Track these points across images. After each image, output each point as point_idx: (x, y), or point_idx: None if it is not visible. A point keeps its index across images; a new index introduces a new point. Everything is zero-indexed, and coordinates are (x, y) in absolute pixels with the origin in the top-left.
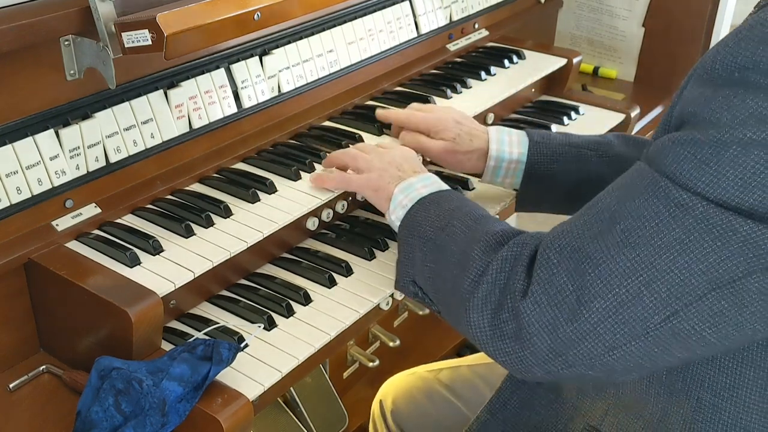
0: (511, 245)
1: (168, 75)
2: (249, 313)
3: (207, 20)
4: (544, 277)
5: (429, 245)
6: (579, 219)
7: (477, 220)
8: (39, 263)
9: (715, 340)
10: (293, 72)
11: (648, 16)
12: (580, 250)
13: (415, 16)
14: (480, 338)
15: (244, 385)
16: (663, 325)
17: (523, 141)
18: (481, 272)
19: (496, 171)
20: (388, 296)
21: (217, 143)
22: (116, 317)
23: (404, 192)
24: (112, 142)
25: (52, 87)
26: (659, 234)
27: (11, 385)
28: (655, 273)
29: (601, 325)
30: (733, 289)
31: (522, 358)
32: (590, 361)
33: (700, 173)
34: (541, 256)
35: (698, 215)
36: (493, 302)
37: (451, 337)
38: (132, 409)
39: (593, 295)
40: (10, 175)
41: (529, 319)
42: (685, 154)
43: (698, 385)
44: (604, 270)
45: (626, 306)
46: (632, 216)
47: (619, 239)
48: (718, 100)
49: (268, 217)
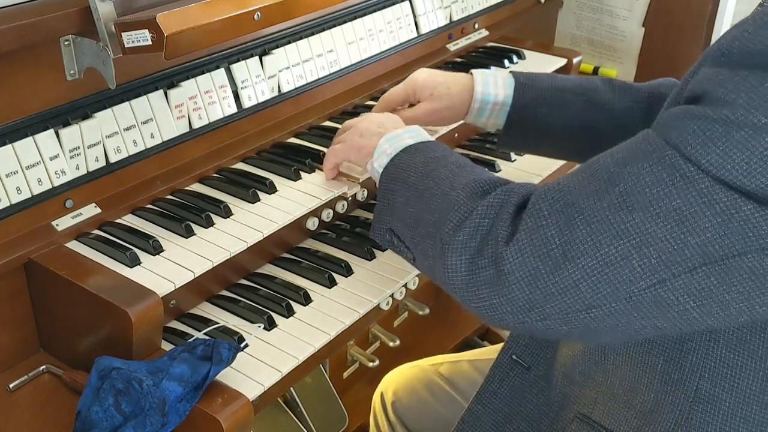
0: (498, 192)
1: (168, 75)
2: (249, 313)
3: (207, 20)
4: (532, 226)
5: (411, 190)
6: (576, 175)
7: (462, 166)
8: (39, 263)
9: (698, 315)
10: (293, 72)
11: (648, 16)
12: (573, 205)
13: (415, 16)
14: (455, 283)
15: (244, 385)
16: (647, 292)
17: (509, 83)
18: (464, 217)
19: (481, 112)
20: (388, 296)
21: (217, 143)
22: (116, 317)
23: (389, 141)
24: (112, 142)
25: (52, 87)
26: (659, 201)
27: (11, 385)
28: (648, 239)
29: (584, 282)
30: (724, 266)
31: (497, 305)
32: (566, 317)
33: (707, 149)
34: (532, 206)
35: (702, 189)
36: (473, 247)
37: (451, 336)
38: (132, 409)
39: (581, 252)
40: (10, 175)
41: (510, 266)
42: (694, 128)
43: (697, 375)
44: (596, 228)
45: (613, 266)
46: (633, 180)
47: (616, 200)
48: (734, 80)
49: (268, 217)
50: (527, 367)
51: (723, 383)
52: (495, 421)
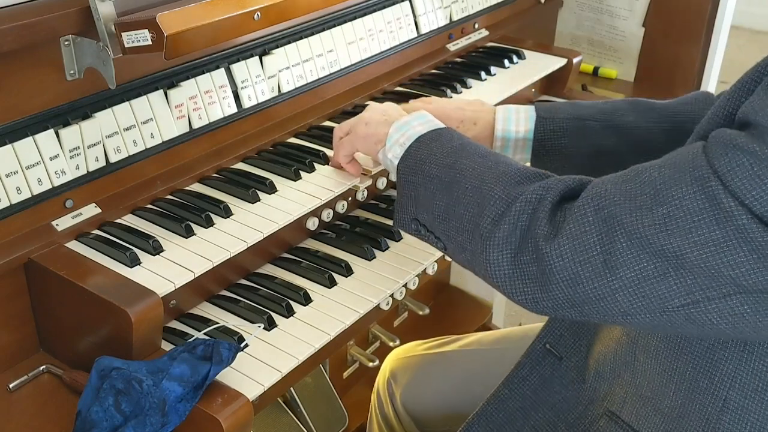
0: (536, 187)
1: (168, 75)
2: (249, 313)
3: (207, 20)
4: (575, 231)
5: (436, 183)
6: (623, 184)
7: (486, 156)
8: (39, 263)
9: (730, 333)
10: (293, 72)
11: (648, 16)
12: (616, 218)
13: (415, 16)
14: (499, 276)
15: (244, 385)
16: (681, 309)
17: (531, 117)
18: (503, 211)
19: (503, 150)
20: (388, 296)
21: (217, 143)
22: (116, 317)
23: (400, 130)
24: (112, 142)
25: (52, 87)
26: (698, 230)
27: (11, 385)
28: (685, 263)
29: (621, 293)
30: (758, 298)
31: (539, 299)
32: (603, 318)
33: (751, 185)
34: (578, 210)
35: (740, 225)
36: (514, 242)
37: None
38: (132, 409)
39: (620, 263)
40: (10, 175)
41: (551, 267)
42: (742, 161)
43: (727, 385)
44: (636, 244)
45: (649, 282)
46: (676, 204)
47: (658, 221)
48: None
49: (268, 217)
50: (559, 358)
51: (753, 395)
52: (521, 406)
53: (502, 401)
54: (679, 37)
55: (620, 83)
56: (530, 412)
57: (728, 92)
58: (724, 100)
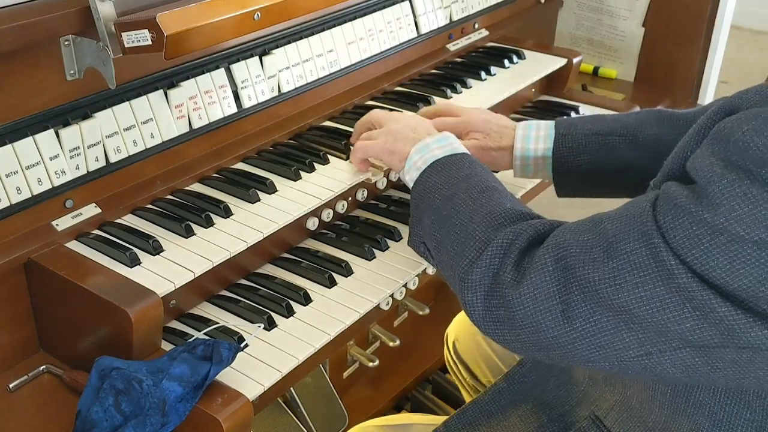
0: (507, 232)
1: (168, 75)
2: (249, 313)
3: (207, 20)
4: (536, 280)
5: (436, 215)
6: (581, 234)
7: (483, 192)
8: (39, 263)
9: (687, 381)
10: (293, 72)
11: (648, 16)
12: (572, 269)
13: (415, 16)
14: (474, 316)
15: (244, 385)
16: (636, 360)
17: (550, 134)
18: (478, 254)
19: (525, 168)
20: (388, 296)
21: (217, 143)
22: (116, 317)
23: (419, 153)
24: (112, 142)
25: (52, 87)
26: (644, 286)
27: (11, 385)
28: (634, 318)
29: (580, 342)
30: (706, 353)
31: (510, 341)
32: (569, 362)
33: (691, 245)
34: (539, 259)
35: (681, 284)
36: (486, 285)
37: None
38: (132, 409)
39: (576, 315)
40: (10, 175)
41: (515, 313)
42: (682, 221)
43: (699, 412)
44: (589, 298)
45: (604, 334)
46: (624, 258)
47: (608, 276)
48: (722, 183)
49: (268, 217)
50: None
51: (720, 425)
52: (513, 400)
53: (499, 394)
54: (679, 37)
55: (620, 83)
56: (519, 404)
57: (688, 135)
58: (684, 142)
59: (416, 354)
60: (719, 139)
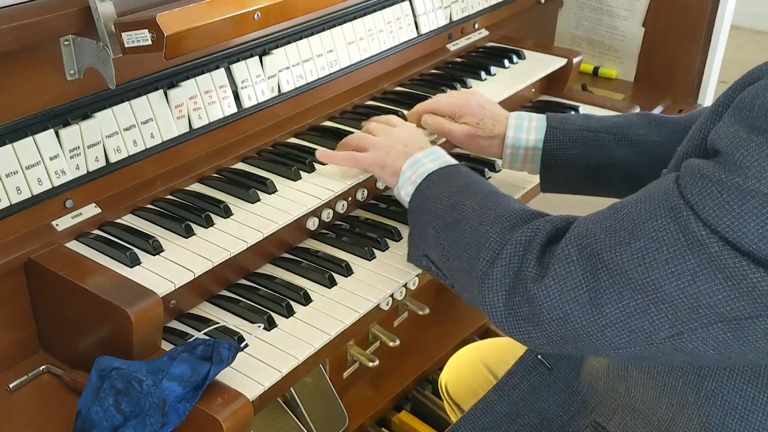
0: (525, 229)
1: (168, 75)
2: (249, 313)
3: (207, 20)
4: (561, 272)
5: (440, 223)
6: (604, 221)
7: (487, 196)
8: (39, 263)
9: (718, 360)
10: (293, 72)
11: (648, 16)
12: (598, 255)
13: (415, 16)
14: (495, 317)
15: (244, 385)
16: (667, 341)
17: (542, 126)
18: (496, 254)
19: (514, 158)
20: (388, 296)
21: (217, 143)
22: (116, 317)
23: (412, 168)
24: (112, 142)
25: (52, 87)
26: (674, 261)
27: (11, 385)
28: (664, 296)
29: (609, 329)
30: (738, 326)
31: (534, 338)
32: (597, 352)
33: (722, 213)
34: (562, 251)
35: (713, 253)
36: (508, 284)
37: (451, 336)
38: (132, 409)
39: (604, 300)
40: (10, 175)
41: (541, 307)
42: (711, 190)
43: (710, 402)
44: (617, 281)
45: (633, 317)
46: (652, 237)
47: (635, 256)
48: (750, 147)
49: (268, 217)
50: (550, 368)
51: (734, 413)
52: (508, 412)
53: (490, 406)
54: (679, 37)
55: (620, 83)
56: (516, 418)
57: (703, 117)
58: (699, 125)
59: (416, 354)
60: (742, 108)
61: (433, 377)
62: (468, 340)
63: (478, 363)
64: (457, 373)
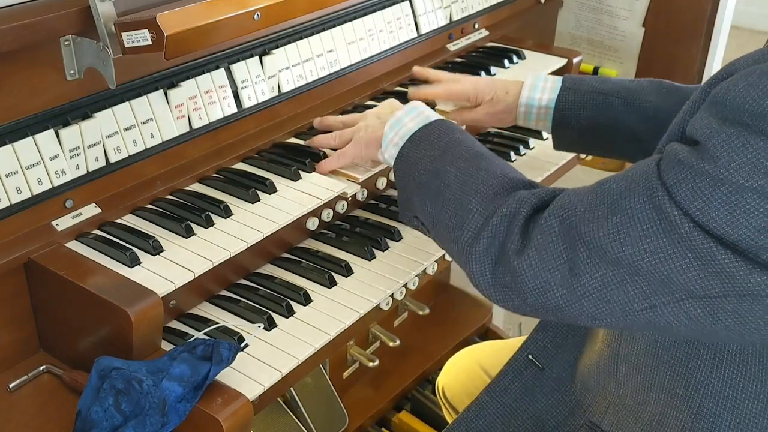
0: (510, 202)
1: (168, 75)
2: (249, 313)
3: (207, 20)
4: (543, 242)
5: (425, 191)
6: (586, 195)
7: (469, 160)
8: (39, 263)
9: (690, 335)
10: (293, 72)
11: (648, 16)
12: (577, 228)
13: (415, 16)
14: (482, 286)
15: (244, 385)
16: (641, 314)
17: (556, 87)
18: (481, 226)
19: (528, 116)
20: (388, 296)
21: (217, 143)
22: (116, 317)
23: (393, 128)
24: (112, 142)
25: (52, 87)
26: (647, 238)
27: (11, 385)
28: (638, 270)
29: (586, 298)
30: (708, 303)
31: (518, 306)
32: (576, 321)
33: (693, 197)
34: (545, 221)
35: (684, 234)
36: (494, 254)
37: (451, 336)
38: (132, 409)
39: (582, 271)
40: (10, 175)
41: (523, 277)
42: (685, 175)
43: (700, 393)
44: (594, 254)
45: (610, 288)
46: (628, 214)
47: (611, 231)
48: (721, 137)
49: (268, 217)
50: (541, 368)
51: (725, 402)
52: (501, 414)
53: (483, 408)
54: (679, 37)
55: None
56: (510, 420)
57: (683, 109)
58: (680, 115)
59: (416, 354)
60: (716, 102)
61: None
62: (468, 340)
63: (475, 366)
64: (454, 376)
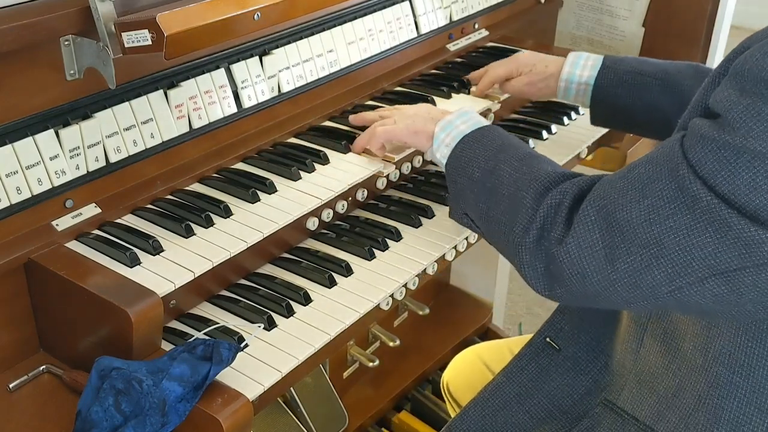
0: (555, 192)
1: (168, 75)
2: (249, 313)
3: (207, 20)
4: (581, 231)
5: (479, 187)
6: (618, 181)
7: (522, 159)
8: (39, 263)
9: (720, 312)
10: (293, 72)
11: (648, 16)
12: (612, 215)
13: (415, 16)
14: (530, 276)
15: (244, 385)
16: (670, 296)
17: (597, 65)
18: (531, 219)
19: (567, 91)
20: (388, 296)
21: (217, 143)
22: (116, 317)
23: (445, 130)
24: (112, 142)
25: (52, 87)
26: (673, 216)
27: (11, 385)
28: (664, 250)
29: (620, 283)
30: (729, 278)
31: (561, 295)
32: (615, 305)
33: (718, 168)
34: (583, 212)
35: (704, 206)
36: (542, 245)
37: (451, 336)
38: (132, 409)
39: (617, 256)
40: (10, 175)
41: (563, 265)
42: (709, 148)
43: (717, 362)
44: (627, 238)
45: (640, 273)
46: (657, 195)
47: (642, 213)
48: (739, 108)
49: (268, 217)
50: (558, 349)
51: (741, 370)
52: (517, 393)
53: (499, 388)
54: (679, 37)
55: None
56: (525, 399)
57: (704, 84)
58: (702, 89)
59: (416, 354)
60: (735, 74)
61: (433, 377)
62: (468, 340)
63: (480, 364)
64: (459, 373)
